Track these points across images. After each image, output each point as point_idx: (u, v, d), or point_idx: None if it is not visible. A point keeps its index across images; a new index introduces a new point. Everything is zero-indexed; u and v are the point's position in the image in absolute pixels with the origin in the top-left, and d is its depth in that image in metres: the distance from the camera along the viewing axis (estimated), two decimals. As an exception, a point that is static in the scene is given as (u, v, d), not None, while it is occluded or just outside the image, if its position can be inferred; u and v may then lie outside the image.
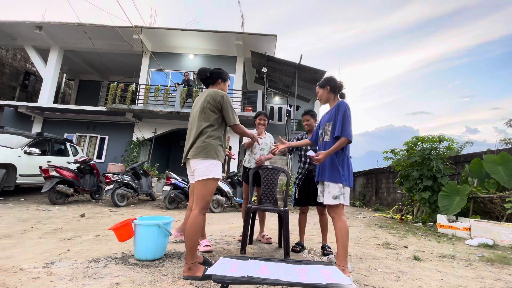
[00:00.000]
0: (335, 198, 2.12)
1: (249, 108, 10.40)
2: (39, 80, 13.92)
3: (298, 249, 2.87)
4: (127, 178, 6.32)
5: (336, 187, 2.12)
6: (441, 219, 4.60)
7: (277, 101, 16.43)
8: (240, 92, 10.79)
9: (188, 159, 2.11)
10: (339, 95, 2.37)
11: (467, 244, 3.67)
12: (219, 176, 2.07)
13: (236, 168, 10.24)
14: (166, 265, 2.22)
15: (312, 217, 5.46)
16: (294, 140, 3.24)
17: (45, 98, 10.76)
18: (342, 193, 2.12)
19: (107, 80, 13.66)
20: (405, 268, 2.51)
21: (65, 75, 14.93)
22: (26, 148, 6.08)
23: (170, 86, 10.53)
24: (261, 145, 3.20)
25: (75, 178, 5.83)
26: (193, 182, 2.10)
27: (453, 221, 4.51)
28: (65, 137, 9.35)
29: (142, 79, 11.13)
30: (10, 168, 5.67)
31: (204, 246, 2.65)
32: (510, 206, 4.02)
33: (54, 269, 2.00)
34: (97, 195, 6.79)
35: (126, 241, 2.39)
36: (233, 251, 2.77)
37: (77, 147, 8.09)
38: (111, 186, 5.97)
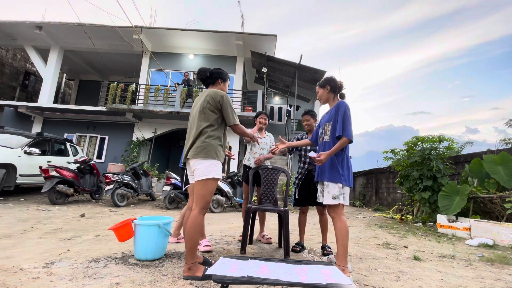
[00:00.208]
0: (334, 198, 2.11)
1: (249, 108, 10.40)
2: (39, 80, 13.92)
3: (298, 249, 2.87)
4: (127, 178, 6.33)
5: (336, 187, 2.12)
6: (441, 219, 4.60)
7: (277, 101, 16.43)
8: (240, 92, 10.79)
9: (188, 159, 2.11)
10: (339, 95, 2.37)
11: (467, 244, 3.67)
12: (219, 176, 2.07)
13: (236, 168, 10.24)
14: (166, 265, 2.22)
15: (312, 217, 5.46)
16: (294, 140, 3.24)
17: (45, 98, 10.77)
18: (342, 193, 2.12)
19: (107, 80, 13.67)
20: (405, 268, 2.51)
21: (65, 75, 14.93)
22: (26, 148, 6.08)
23: (170, 86, 10.53)
24: (261, 144, 3.21)
25: (75, 178, 5.84)
26: (193, 182, 2.10)
27: (453, 221, 4.51)
28: (65, 137, 9.36)
29: (142, 79, 11.14)
30: (10, 168, 5.67)
31: (204, 246, 2.66)
32: (510, 206, 4.02)
33: (54, 269, 2.00)
34: (97, 195, 6.79)
35: (126, 241, 2.39)
36: (233, 251, 2.77)
37: (77, 147, 8.09)
38: (111, 186, 5.97)
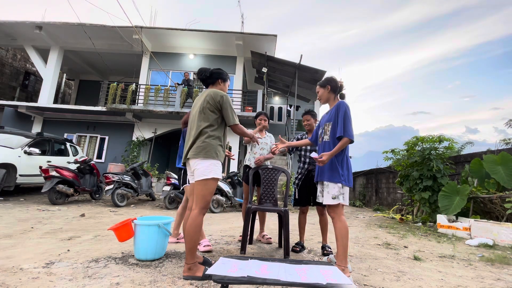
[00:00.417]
0: (334, 198, 2.11)
1: (249, 108, 10.39)
2: (39, 80, 13.92)
3: (298, 249, 2.87)
4: (127, 178, 6.33)
5: (336, 187, 2.12)
6: (441, 219, 4.60)
7: (277, 101, 16.42)
8: (240, 92, 10.79)
9: (188, 159, 2.11)
10: (339, 95, 2.38)
11: (467, 244, 3.67)
12: (219, 176, 2.07)
13: (236, 168, 10.24)
14: (166, 265, 2.22)
15: (312, 217, 5.46)
16: (294, 140, 3.24)
17: (45, 98, 10.76)
18: (342, 193, 2.12)
19: (107, 80, 13.65)
20: (405, 268, 2.51)
21: (65, 75, 14.93)
22: (26, 148, 6.08)
23: (170, 86, 10.53)
24: (261, 144, 3.21)
25: (75, 178, 5.84)
26: (193, 182, 2.11)
27: (453, 221, 4.51)
28: (65, 137, 9.36)
29: (142, 79, 11.13)
30: (10, 168, 5.67)
31: (204, 246, 2.66)
32: (510, 206, 4.02)
33: (54, 269, 2.00)
34: (97, 195, 6.79)
35: (126, 241, 2.39)
36: (233, 251, 2.77)
37: (77, 147, 8.09)
38: (111, 186, 5.97)
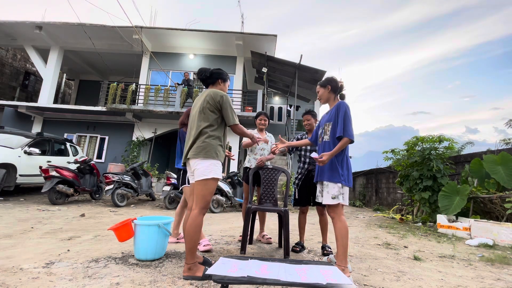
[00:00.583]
0: (334, 198, 2.11)
1: (249, 108, 10.39)
2: (39, 80, 13.92)
3: (298, 249, 2.87)
4: (127, 178, 6.33)
5: (335, 187, 2.12)
6: (441, 219, 4.59)
7: (277, 101, 16.42)
8: (240, 92, 10.79)
9: (188, 159, 2.11)
10: (339, 95, 2.38)
11: (467, 244, 3.67)
12: (219, 176, 2.07)
13: (236, 168, 10.23)
14: (166, 265, 2.22)
15: (312, 217, 5.46)
16: (294, 140, 3.24)
17: (45, 98, 10.76)
18: (341, 193, 2.12)
19: (107, 80, 13.65)
20: (405, 268, 2.51)
21: (65, 75, 14.93)
22: (26, 148, 6.08)
23: (170, 86, 10.53)
24: (262, 145, 3.21)
25: (75, 178, 5.83)
26: (193, 182, 2.11)
27: (453, 221, 4.51)
28: (65, 137, 9.36)
29: (142, 79, 11.13)
30: (10, 168, 5.67)
31: (204, 246, 2.66)
32: (510, 206, 4.02)
33: (54, 269, 2.00)
34: (97, 195, 6.79)
35: (126, 241, 2.39)
36: (233, 251, 2.77)
37: (77, 147, 8.09)
38: (111, 186, 5.97)
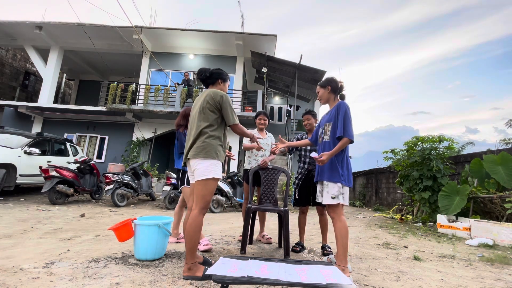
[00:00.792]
0: (334, 198, 2.11)
1: (249, 108, 10.40)
2: (39, 80, 13.92)
3: (298, 249, 2.87)
4: (127, 178, 6.32)
5: (335, 187, 2.12)
6: (441, 219, 4.59)
7: (277, 101, 16.42)
8: (240, 92, 10.79)
9: (188, 159, 2.11)
10: (339, 96, 2.38)
11: (467, 244, 3.67)
12: (219, 176, 2.07)
13: (236, 168, 10.23)
14: (166, 265, 2.22)
15: (312, 217, 5.46)
16: (294, 140, 3.24)
17: (45, 98, 10.76)
18: (341, 193, 2.12)
19: (107, 80, 13.65)
20: (405, 268, 2.51)
21: (65, 75, 14.93)
22: (26, 148, 6.08)
23: (170, 86, 10.53)
24: (263, 145, 3.21)
25: (75, 178, 5.83)
26: (193, 182, 2.11)
27: (453, 221, 4.51)
28: (65, 137, 9.36)
29: (142, 79, 11.13)
30: (10, 168, 5.67)
31: (204, 245, 2.66)
32: (510, 206, 4.02)
33: (54, 269, 2.00)
34: (97, 195, 6.79)
35: (126, 241, 2.39)
36: (233, 251, 2.77)
37: (77, 147, 8.09)
38: (111, 186, 5.97)
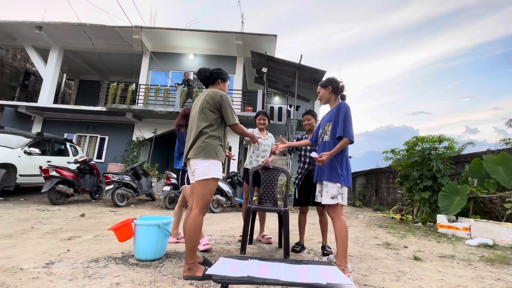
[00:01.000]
0: (333, 197, 2.12)
1: (249, 108, 10.40)
2: (39, 80, 13.92)
3: (298, 249, 2.87)
4: (127, 178, 6.32)
5: (334, 187, 2.13)
6: (441, 219, 4.59)
7: (277, 101, 16.42)
8: (240, 92, 10.79)
9: (189, 159, 2.11)
10: (340, 96, 2.38)
11: (467, 244, 3.67)
12: (219, 176, 2.07)
13: (236, 168, 10.24)
14: (166, 265, 2.22)
15: (312, 217, 5.46)
16: (294, 140, 3.25)
17: (45, 98, 10.76)
18: (340, 193, 2.13)
19: (107, 80, 13.66)
20: (405, 268, 2.51)
21: (65, 75, 14.93)
22: (26, 148, 6.07)
23: (170, 86, 10.53)
24: (263, 146, 3.21)
25: (75, 178, 5.83)
26: (193, 182, 2.10)
27: (453, 221, 4.51)
28: (65, 137, 9.35)
29: (142, 79, 11.13)
30: (10, 168, 5.67)
31: (203, 245, 2.66)
32: (510, 206, 4.02)
33: (54, 269, 2.00)
34: (97, 195, 6.79)
35: (126, 241, 2.39)
36: (233, 251, 2.77)
37: (77, 147, 8.09)
38: (111, 186, 5.97)
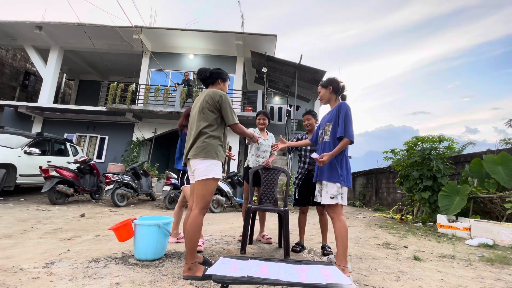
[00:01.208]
0: (332, 197, 2.12)
1: (249, 108, 10.40)
2: (39, 80, 13.92)
3: (298, 249, 2.87)
4: (127, 178, 6.32)
5: (334, 187, 2.13)
6: (441, 219, 4.59)
7: (277, 101, 16.42)
8: (240, 92, 10.79)
9: (189, 159, 2.11)
10: (340, 96, 2.38)
11: (467, 244, 3.67)
12: (219, 176, 2.07)
13: (236, 168, 10.24)
14: (166, 265, 2.22)
15: (312, 217, 5.46)
16: (294, 140, 3.25)
17: (45, 98, 10.76)
18: (340, 193, 2.13)
19: (107, 80, 13.66)
20: (405, 268, 2.51)
21: (65, 75, 14.93)
22: (26, 148, 6.07)
23: (170, 86, 10.53)
24: (264, 147, 3.22)
25: (75, 178, 5.83)
26: (193, 182, 2.10)
27: (453, 221, 4.51)
28: (65, 137, 9.35)
29: (142, 79, 11.13)
30: (10, 168, 5.67)
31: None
32: (510, 206, 4.02)
33: (54, 269, 2.00)
34: (97, 195, 6.79)
35: (126, 241, 2.39)
36: (233, 251, 2.77)
37: (77, 147, 8.09)
38: (111, 186, 5.97)
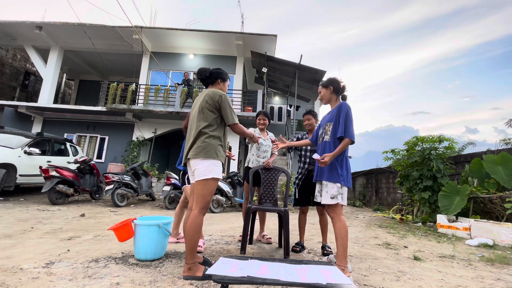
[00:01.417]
0: (333, 197, 2.12)
1: (249, 108, 10.40)
2: (39, 80, 13.92)
3: (298, 249, 2.87)
4: (127, 178, 6.32)
5: (334, 187, 2.13)
6: (441, 219, 4.59)
7: (277, 101, 16.42)
8: (240, 92, 10.79)
9: (189, 159, 2.11)
10: (341, 96, 2.38)
11: (467, 244, 3.67)
12: (219, 176, 2.07)
13: (236, 168, 10.23)
14: (166, 265, 2.22)
15: (312, 217, 5.46)
16: (294, 139, 3.25)
17: (45, 98, 10.76)
18: (340, 193, 2.13)
19: (107, 80, 13.65)
20: (405, 268, 2.51)
21: (65, 75, 14.93)
22: (26, 148, 6.07)
23: (170, 86, 10.53)
24: (265, 147, 3.22)
25: (75, 178, 5.83)
26: (193, 182, 2.10)
27: (453, 221, 4.51)
28: (65, 137, 9.35)
29: (142, 79, 11.13)
30: (10, 168, 5.67)
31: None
32: (510, 206, 4.02)
33: (54, 269, 2.00)
34: (97, 195, 6.79)
35: (126, 241, 2.39)
36: (233, 251, 2.77)
37: (77, 147, 8.09)
38: (111, 186, 5.97)
